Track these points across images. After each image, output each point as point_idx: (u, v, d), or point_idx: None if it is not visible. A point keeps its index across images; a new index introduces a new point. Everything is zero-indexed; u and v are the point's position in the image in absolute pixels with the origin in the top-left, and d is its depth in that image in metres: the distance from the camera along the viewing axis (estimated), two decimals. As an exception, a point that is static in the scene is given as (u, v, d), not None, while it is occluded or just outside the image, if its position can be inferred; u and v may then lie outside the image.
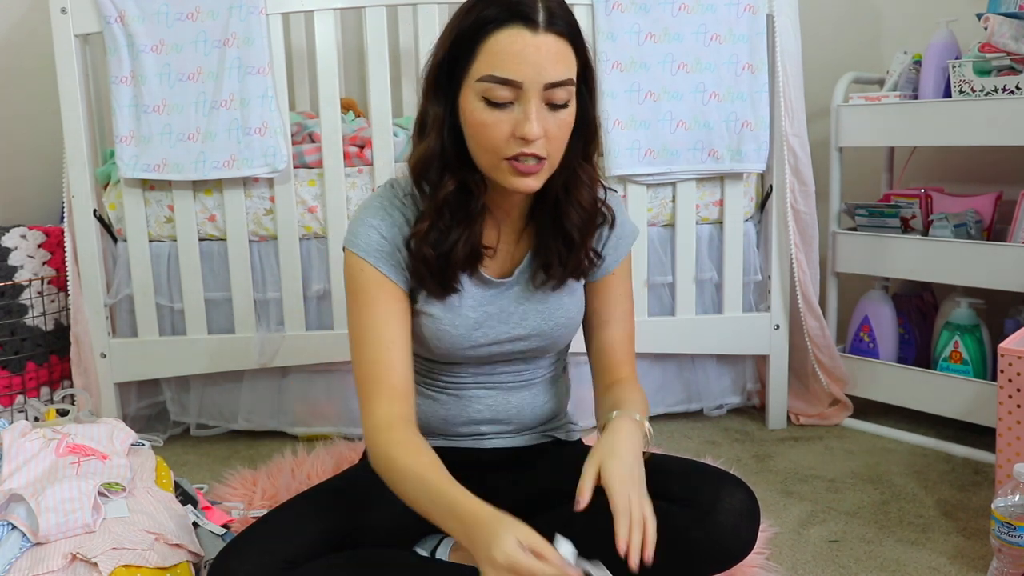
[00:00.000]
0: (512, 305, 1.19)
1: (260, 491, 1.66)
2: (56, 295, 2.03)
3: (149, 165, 1.86)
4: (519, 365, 1.25)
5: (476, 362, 1.22)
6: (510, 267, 1.21)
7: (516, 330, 1.20)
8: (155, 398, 2.09)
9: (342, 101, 2.02)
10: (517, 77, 1.01)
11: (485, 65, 1.02)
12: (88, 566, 1.10)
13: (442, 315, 1.16)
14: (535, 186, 1.08)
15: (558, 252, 1.17)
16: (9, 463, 1.26)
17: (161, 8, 1.82)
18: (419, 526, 1.20)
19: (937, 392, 1.91)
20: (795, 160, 1.95)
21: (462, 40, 1.05)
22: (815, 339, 2.04)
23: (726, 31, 1.87)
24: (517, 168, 1.05)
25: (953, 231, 1.89)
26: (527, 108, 1.02)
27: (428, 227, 1.10)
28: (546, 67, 1.01)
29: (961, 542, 1.46)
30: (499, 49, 1.02)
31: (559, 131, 1.06)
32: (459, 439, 1.25)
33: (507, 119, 1.03)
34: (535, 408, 1.27)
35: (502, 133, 1.03)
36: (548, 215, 1.16)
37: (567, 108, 1.06)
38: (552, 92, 1.03)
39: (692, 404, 2.13)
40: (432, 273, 1.12)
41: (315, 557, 1.05)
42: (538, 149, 1.04)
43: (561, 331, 1.22)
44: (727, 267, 2.00)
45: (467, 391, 1.24)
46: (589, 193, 1.16)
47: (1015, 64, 1.78)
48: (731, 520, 1.06)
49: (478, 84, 1.03)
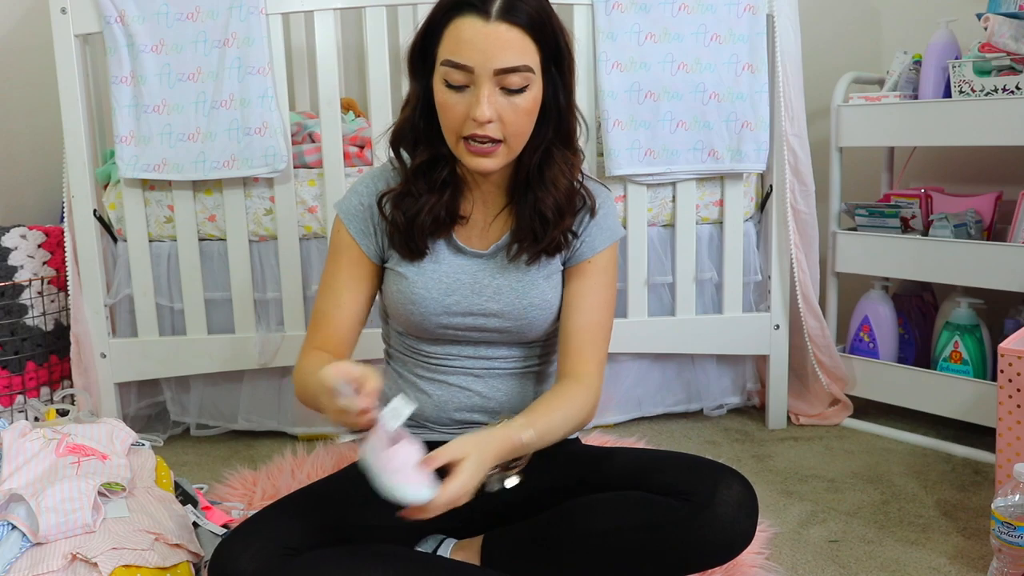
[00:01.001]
0: (487, 278, 1.23)
1: (260, 491, 1.66)
2: (56, 295, 2.03)
3: (149, 165, 1.85)
4: (501, 350, 1.26)
5: (454, 339, 1.25)
6: (487, 242, 1.25)
7: (489, 304, 1.22)
8: (155, 398, 2.09)
9: (342, 101, 2.02)
10: (468, 62, 1.08)
11: (446, 50, 1.11)
12: (88, 566, 1.10)
13: (415, 277, 1.22)
14: (490, 166, 1.14)
15: (533, 230, 1.21)
16: (9, 463, 1.26)
17: (161, 8, 1.82)
18: (420, 527, 1.21)
19: (937, 392, 1.91)
20: (795, 160, 1.95)
21: (431, 25, 1.14)
22: (815, 339, 2.04)
23: (726, 31, 1.87)
24: (471, 149, 1.12)
25: (953, 231, 1.89)
26: (479, 92, 1.09)
27: (400, 192, 1.20)
28: (495, 54, 1.08)
29: (961, 542, 1.46)
30: (456, 35, 1.10)
31: (515, 115, 1.11)
32: (453, 429, 1.26)
33: (463, 101, 1.11)
34: (524, 399, 1.27)
35: (459, 114, 1.11)
36: (524, 194, 1.22)
37: (524, 94, 1.11)
38: (504, 78, 1.09)
39: (692, 404, 2.13)
40: (401, 234, 1.20)
41: (317, 547, 1.06)
42: (491, 131, 1.11)
43: (535, 313, 1.24)
44: (727, 267, 2.00)
45: (452, 376, 1.26)
46: (564, 176, 1.20)
47: (1015, 64, 1.78)
48: (729, 512, 1.07)
49: (440, 68, 1.12)
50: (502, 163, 1.15)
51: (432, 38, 1.14)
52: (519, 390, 1.28)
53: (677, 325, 2.00)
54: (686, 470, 1.13)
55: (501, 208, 1.25)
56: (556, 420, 1.16)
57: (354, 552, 1.07)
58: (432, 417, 1.27)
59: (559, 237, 1.22)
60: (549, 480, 1.22)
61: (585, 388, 1.21)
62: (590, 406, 1.21)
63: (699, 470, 1.13)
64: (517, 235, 1.22)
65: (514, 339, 1.26)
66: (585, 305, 1.25)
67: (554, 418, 1.15)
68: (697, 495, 1.07)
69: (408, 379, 1.29)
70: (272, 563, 1.02)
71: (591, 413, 1.22)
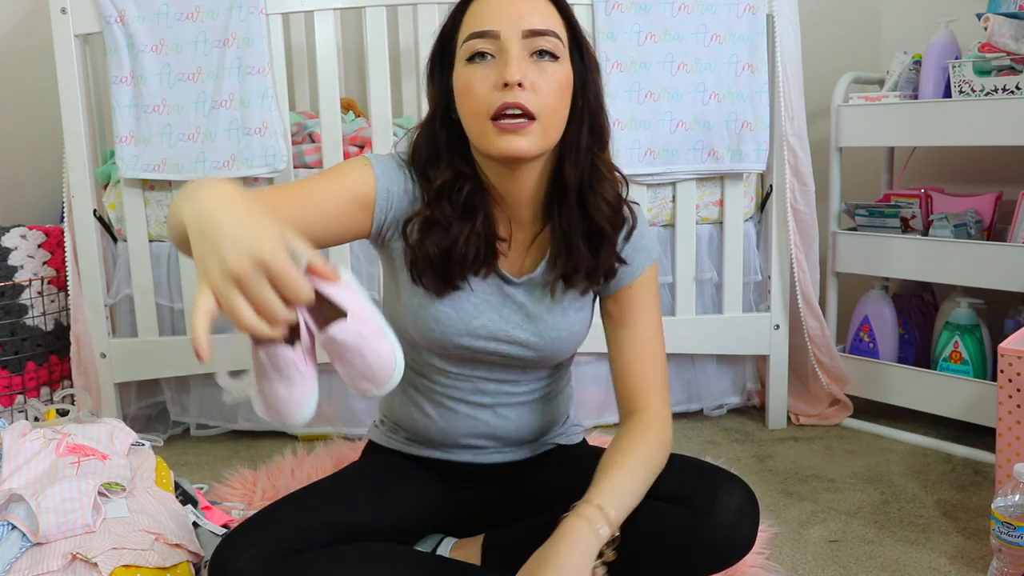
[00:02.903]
0: (517, 305, 1.14)
1: (260, 491, 1.66)
2: (56, 295, 2.03)
3: (149, 165, 1.86)
4: (515, 374, 1.19)
5: (471, 358, 1.16)
6: (520, 266, 1.15)
7: (517, 332, 1.14)
8: (155, 398, 2.09)
9: (342, 101, 2.02)
10: (493, 26, 1.01)
11: (467, 28, 1.04)
12: (88, 566, 1.10)
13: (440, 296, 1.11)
14: (524, 146, 1.01)
15: (577, 254, 1.10)
16: (9, 463, 1.26)
17: (161, 8, 1.82)
18: (420, 524, 1.21)
19: (937, 392, 1.91)
20: (795, 160, 1.95)
21: (450, 21, 1.08)
22: (815, 339, 2.04)
23: (726, 31, 1.88)
24: (502, 127, 1.01)
25: (953, 231, 1.89)
26: (507, 55, 1.01)
27: (427, 218, 1.07)
28: (522, 14, 1.02)
29: (961, 542, 1.46)
30: (479, 10, 1.04)
31: (546, 84, 1.02)
32: (458, 452, 1.23)
33: (490, 72, 1.02)
34: (533, 425, 1.23)
35: (485, 87, 1.01)
36: (561, 213, 1.10)
37: (556, 63, 1.03)
38: (534, 40, 1.02)
39: (692, 404, 2.13)
40: (434, 269, 1.08)
41: (317, 546, 1.04)
42: (523, 99, 1.00)
43: (563, 345, 1.17)
44: (727, 267, 2.00)
45: (460, 405, 1.19)
46: (612, 188, 1.11)
47: (1015, 64, 1.78)
48: (730, 519, 1.05)
49: (462, 49, 1.04)
50: (537, 147, 1.03)
51: (452, 31, 1.07)
52: (528, 417, 1.22)
53: (677, 325, 2.00)
54: (687, 476, 1.10)
55: (534, 230, 1.14)
56: (634, 480, 1.07)
57: (354, 552, 1.06)
58: (437, 439, 1.22)
59: (612, 262, 1.12)
60: (551, 480, 1.22)
61: (657, 425, 1.13)
62: (666, 443, 1.13)
63: (699, 475, 1.11)
64: (559, 261, 1.11)
65: (531, 366, 1.19)
66: (635, 335, 1.15)
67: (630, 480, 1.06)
68: (698, 502, 1.05)
69: (411, 395, 1.22)
70: (272, 563, 1.01)
71: (667, 450, 1.13)
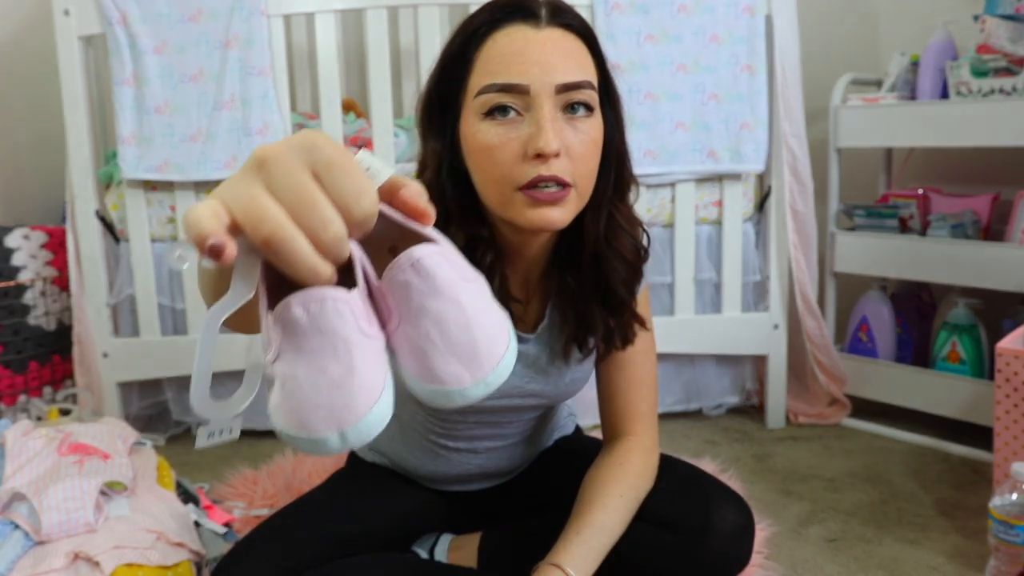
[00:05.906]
0: (528, 360, 1.05)
1: (261, 491, 1.66)
2: (59, 295, 2.04)
3: (151, 166, 1.86)
4: (515, 415, 1.13)
5: (474, 411, 1.09)
6: (530, 324, 1.05)
7: (530, 385, 1.07)
8: (157, 398, 2.09)
9: (343, 102, 2.03)
10: (522, 80, 0.84)
11: (482, 75, 0.86)
12: (90, 565, 1.11)
13: None
14: (560, 220, 0.87)
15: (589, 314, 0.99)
16: (12, 462, 1.27)
17: (163, 10, 1.83)
18: (417, 525, 1.22)
19: (935, 392, 1.92)
20: (794, 160, 1.96)
21: (454, 56, 0.89)
22: (814, 339, 2.04)
23: (725, 32, 1.88)
24: (535, 197, 0.85)
25: (951, 231, 1.89)
26: (539, 116, 0.83)
27: None
28: (555, 64, 0.84)
29: (959, 541, 1.47)
30: (497, 52, 0.86)
31: (583, 148, 0.86)
32: (447, 484, 1.21)
33: (516, 136, 0.85)
34: (526, 454, 1.22)
35: (512, 153, 0.85)
36: (586, 271, 0.98)
37: (591, 120, 0.88)
38: (568, 95, 0.85)
39: (691, 404, 2.13)
40: None
41: (314, 563, 1.01)
42: (560, 171, 0.84)
43: (576, 387, 1.11)
44: (726, 267, 2.00)
45: (454, 455, 1.15)
46: (631, 241, 0.99)
47: (1012, 66, 1.79)
48: (724, 544, 1.00)
49: (477, 100, 0.86)
50: (571, 216, 0.88)
51: (458, 71, 0.88)
52: (521, 450, 1.20)
53: (676, 325, 2.00)
54: (675, 494, 1.04)
55: (545, 285, 1.04)
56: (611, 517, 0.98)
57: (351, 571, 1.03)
58: (426, 477, 1.19)
59: (631, 330, 1.02)
60: (547, 477, 1.22)
61: (639, 452, 1.06)
62: (650, 468, 1.06)
63: (689, 494, 1.04)
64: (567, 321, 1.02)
65: (532, 410, 1.14)
66: (625, 359, 1.07)
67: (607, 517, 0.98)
68: (688, 526, 1.00)
69: (401, 433, 1.16)
70: None
71: (651, 475, 1.06)
